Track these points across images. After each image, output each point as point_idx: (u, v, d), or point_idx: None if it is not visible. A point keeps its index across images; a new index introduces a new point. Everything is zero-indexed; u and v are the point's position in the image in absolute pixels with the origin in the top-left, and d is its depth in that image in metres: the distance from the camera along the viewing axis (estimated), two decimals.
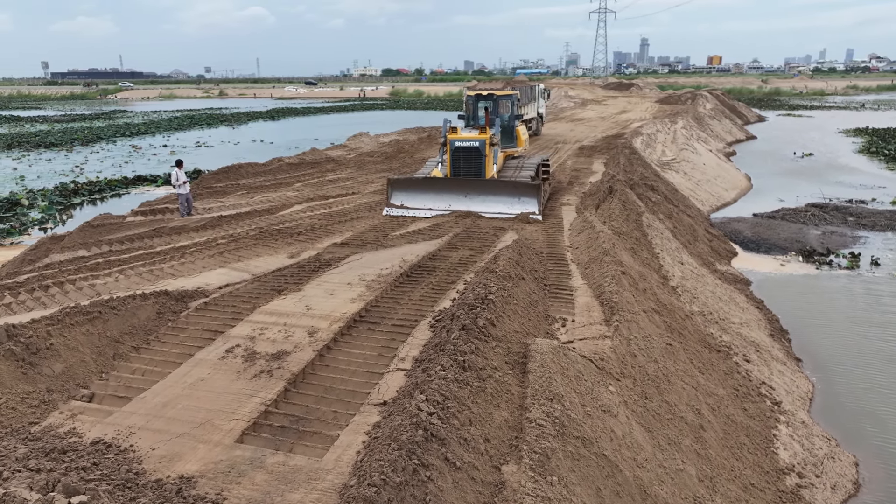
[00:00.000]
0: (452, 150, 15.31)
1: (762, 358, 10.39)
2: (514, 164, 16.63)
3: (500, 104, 18.50)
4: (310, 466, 5.22)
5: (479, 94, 18.95)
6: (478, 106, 18.73)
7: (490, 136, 15.37)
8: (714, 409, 8.22)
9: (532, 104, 32.01)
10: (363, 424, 5.80)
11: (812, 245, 18.01)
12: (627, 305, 9.06)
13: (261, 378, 6.59)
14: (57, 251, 12.07)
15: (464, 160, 15.29)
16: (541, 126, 34.45)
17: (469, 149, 15.20)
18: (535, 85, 33.95)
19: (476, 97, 19.01)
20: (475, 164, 15.21)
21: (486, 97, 18.66)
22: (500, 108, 18.46)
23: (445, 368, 6.17)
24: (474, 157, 15.18)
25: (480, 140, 15.17)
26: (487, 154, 15.13)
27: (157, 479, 5.02)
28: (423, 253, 11.14)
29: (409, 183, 15.15)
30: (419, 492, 4.85)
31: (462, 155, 15.28)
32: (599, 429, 6.44)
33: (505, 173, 15.89)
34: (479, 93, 18.95)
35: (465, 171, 15.31)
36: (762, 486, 7.30)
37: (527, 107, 30.44)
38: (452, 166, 15.43)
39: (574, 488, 5.63)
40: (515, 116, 18.52)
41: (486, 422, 5.98)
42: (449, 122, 16.04)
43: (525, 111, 30.02)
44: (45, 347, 6.59)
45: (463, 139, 15.31)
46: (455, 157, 15.34)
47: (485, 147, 15.09)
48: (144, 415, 5.93)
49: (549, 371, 6.62)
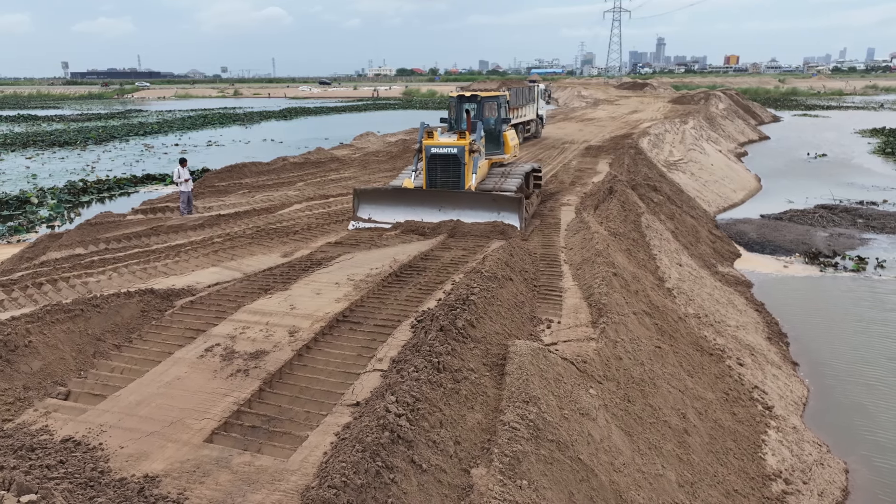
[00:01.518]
0: (428, 157, 13.85)
1: (756, 362, 10.23)
2: (499, 173, 15.06)
3: (486, 106, 16.90)
4: (275, 467, 5.20)
5: (462, 95, 17.42)
6: (461, 108, 17.28)
7: (470, 142, 13.88)
8: (701, 414, 8.10)
9: (531, 105, 31.02)
10: (333, 425, 5.76)
11: (818, 247, 17.75)
12: (616, 307, 8.95)
13: (237, 377, 6.58)
14: (55, 249, 12.19)
15: (441, 168, 13.81)
16: (541, 128, 33.38)
17: (446, 156, 13.71)
18: (533, 85, 32.70)
19: (459, 99, 17.44)
20: (453, 173, 13.74)
21: (470, 99, 17.14)
22: (486, 110, 16.87)
23: (419, 370, 6.12)
24: (452, 164, 13.71)
25: (459, 146, 13.65)
26: (467, 162, 13.67)
27: (122, 477, 5.02)
28: (415, 253, 11.10)
29: (377, 194, 13.80)
30: (381, 494, 4.81)
31: (439, 162, 13.81)
32: (576, 432, 6.36)
33: (487, 183, 14.40)
34: (462, 94, 17.44)
35: (442, 180, 13.85)
36: (746, 493, 7.18)
37: (525, 108, 29.70)
38: (428, 175, 13.95)
39: (545, 492, 5.56)
40: (503, 120, 16.84)
41: (458, 424, 5.92)
42: (426, 126, 14.68)
43: (523, 113, 29.40)
44: (24, 345, 6.63)
45: (440, 145, 13.82)
46: (431, 164, 13.87)
47: (464, 154, 13.62)
48: (117, 413, 5.95)
49: (527, 373, 6.54)
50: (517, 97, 28.45)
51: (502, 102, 17.05)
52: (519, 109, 28.87)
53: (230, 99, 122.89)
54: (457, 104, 17.28)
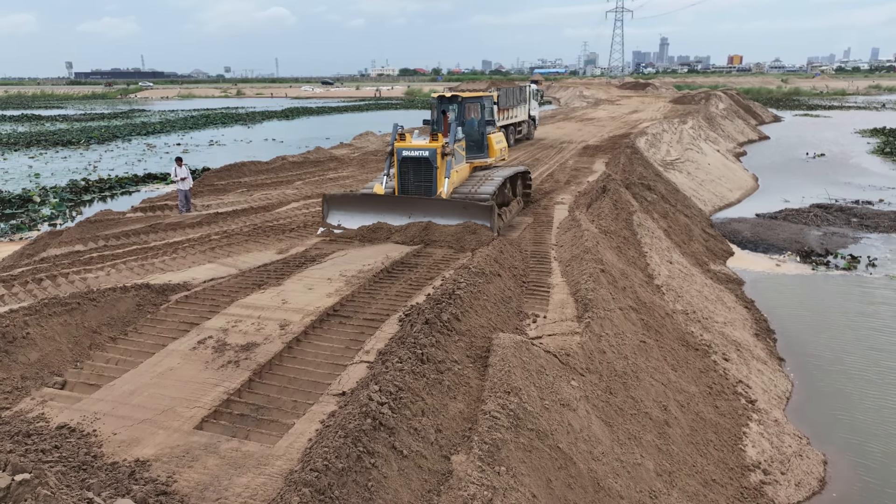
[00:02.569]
0: (400, 160, 13.24)
1: (742, 357, 10.41)
2: (479, 177, 14.31)
3: (467, 108, 16.12)
4: (261, 453, 5.40)
5: (443, 96, 16.65)
6: (441, 110, 16.68)
7: (442, 145, 13.10)
8: (683, 406, 8.28)
9: (522, 106, 30.47)
10: (319, 414, 5.96)
11: (811, 246, 17.91)
12: (602, 303, 9.14)
13: (227, 368, 6.78)
14: (55, 246, 12.41)
15: (413, 172, 13.21)
16: (533, 129, 32.79)
17: (418, 159, 13.07)
18: (525, 86, 32.09)
19: (440, 100, 16.67)
20: (425, 178, 13.14)
21: (450, 100, 16.37)
22: (467, 112, 16.10)
23: (403, 360, 6.32)
24: (424, 168, 13.08)
25: (431, 149, 12.96)
26: (439, 165, 12.97)
27: (114, 461, 5.22)
28: (408, 249, 11.29)
29: (346, 200, 13.26)
30: (362, 478, 5.00)
31: (411, 166, 13.19)
32: (556, 422, 6.55)
33: (464, 188, 13.63)
34: (443, 95, 16.69)
35: (414, 185, 13.26)
36: (724, 482, 7.36)
37: (516, 109, 29.34)
38: (400, 179, 13.37)
39: (523, 479, 5.75)
40: (487, 122, 16.11)
41: (440, 413, 6.12)
42: (400, 128, 14.12)
43: (514, 114, 29.08)
44: (22, 336, 6.85)
45: (411, 147, 13.17)
46: (403, 168, 13.27)
47: (436, 157, 12.95)
48: (111, 402, 6.15)
49: (510, 365, 6.74)
50: (508, 98, 28.14)
51: (486, 104, 16.48)
52: (510, 110, 28.58)
53: (233, 99, 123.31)
54: (437, 105, 16.69)
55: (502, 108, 27.37)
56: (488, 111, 16.45)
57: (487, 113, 16.35)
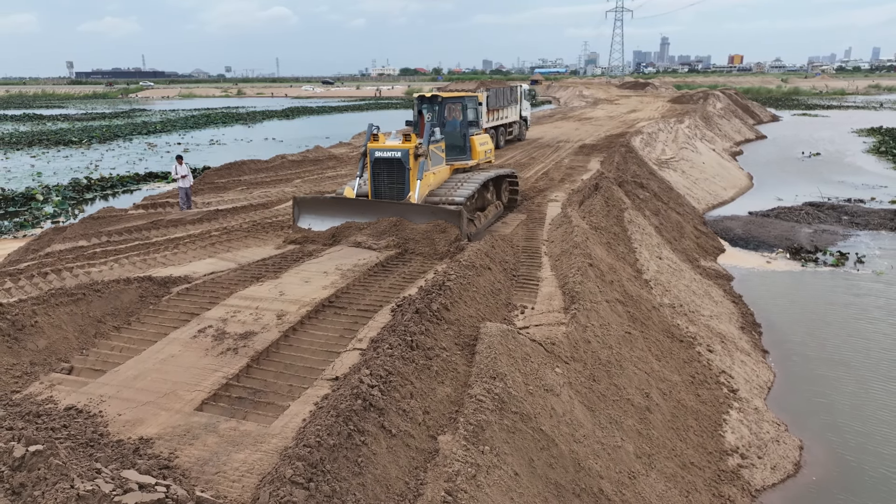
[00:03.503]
0: (372, 161, 12.87)
1: (726, 349, 10.73)
2: (457, 180, 13.85)
3: (448, 109, 15.66)
4: (258, 431, 5.72)
5: (423, 96, 16.22)
6: (419, 110, 16.28)
7: (415, 146, 12.67)
8: (665, 394, 8.60)
9: (513, 107, 30.11)
10: (313, 396, 6.29)
11: (801, 243, 18.21)
12: (589, 295, 9.46)
13: (227, 355, 7.11)
14: (59, 241, 12.74)
15: (386, 174, 12.83)
16: (525, 130, 32.30)
17: (390, 160, 12.68)
18: (516, 86, 31.56)
19: (420, 100, 16.20)
20: (398, 180, 12.75)
21: (430, 100, 15.91)
22: (448, 112, 15.64)
23: (393, 347, 6.64)
24: (396, 170, 12.69)
25: (403, 150, 12.55)
26: (412, 167, 12.56)
27: (119, 439, 5.55)
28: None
29: (316, 203, 12.94)
30: (352, 454, 5.32)
31: (383, 168, 12.81)
32: (540, 406, 6.87)
33: (440, 191, 13.14)
34: (423, 95, 16.28)
35: (387, 187, 12.88)
36: (702, 465, 7.68)
37: (507, 110, 29.11)
38: (373, 181, 12.98)
39: (506, 458, 6.08)
40: (469, 123, 15.53)
41: (428, 396, 6.44)
42: (375, 128, 13.52)
43: (505, 115, 28.87)
44: (31, 325, 7.17)
45: (384, 148, 12.77)
46: (376, 169, 12.89)
47: (408, 158, 12.54)
48: (116, 385, 6.48)
49: (496, 352, 7.05)
50: (498, 98, 27.95)
51: (469, 104, 15.85)
52: (500, 111, 28.34)
53: (234, 98, 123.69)
54: (418, 105, 16.26)
55: (492, 108, 27.19)
56: (471, 112, 15.98)
57: (471, 114, 15.90)
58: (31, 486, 4.27)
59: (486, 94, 26.53)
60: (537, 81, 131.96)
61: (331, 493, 4.89)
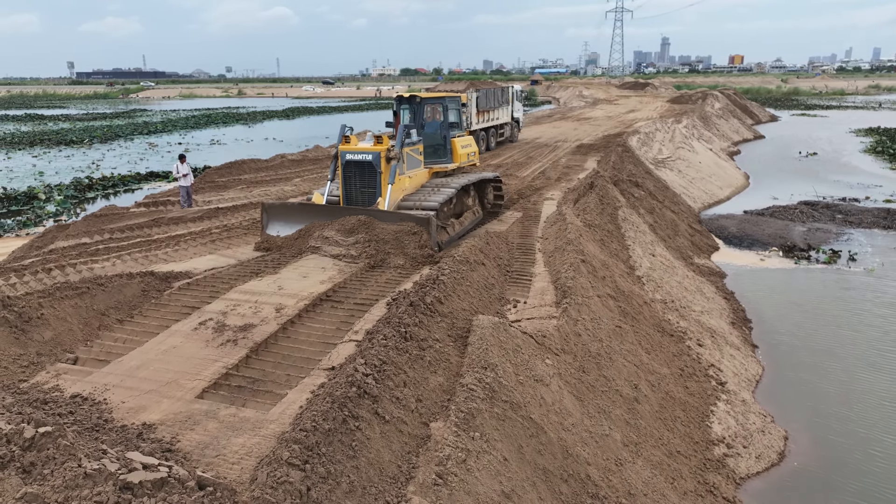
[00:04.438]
0: (343, 164, 12.32)
1: (716, 343, 10.95)
2: (434, 185, 13.27)
3: (427, 110, 15.01)
4: (257, 417, 5.95)
5: (401, 96, 15.51)
6: (394, 111, 15.70)
7: (387, 149, 12.14)
8: (654, 386, 8.82)
9: (504, 108, 29.71)
10: (310, 385, 6.51)
11: (795, 241, 18.43)
12: (581, 290, 9.68)
13: (226, 346, 7.34)
14: (62, 238, 12.96)
15: (357, 177, 12.30)
16: (517, 132, 31.83)
17: (361, 163, 12.15)
18: (508, 87, 31.09)
19: (398, 100, 15.52)
20: (369, 184, 12.23)
21: (409, 101, 15.17)
22: (427, 114, 15.02)
23: (387, 338, 6.86)
24: (368, 174, 12.18)
25: (374, 153, 12.03)
26: (383, 171, 12.03)
27: (123, 425, 5.77)
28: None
29: (285, 210, 12.41)
30: (347, 438, 5.55)
31: (355, 171, 12.28)
32: (530, 395, 7.10)
33: (414, 196, 12.58)
34: (401, 95, 15.56)
35: (358, 192, 12.35)
36: (689, 454, 7.90)
37: (498, 111, 28.80)
38: (345, 185, 12.44)
39: (495, 444, 6.30)
40: (450, 124, 14.95)
41: (421, 385, 6.67)
42: (348, 129, 12.93)
43: (496, 116, 28.53)
44: (37, 317, 7.41)
45: (355, 151, 12.24)
46: (347, 173, 12.35)
47: (379, 161, 12.01)
48: (120, 375, 6.71)
49: (487, 343, 7.28)
50: (488, 99, 27.60)
51: (450, 105, 15.27)
52: (491, 112, 28.03)
53: (234, 99, 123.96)
54: (396, 106, 15.59)
55: (482, 109, 26.90)
56: (453, 113, 15.46)
57: (452, 115, 15.33)
58: (41, 465, 4.49)
59: (475, 95, 26.28)
60: (537, 82, 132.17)
61: (326, 475, 5.12)
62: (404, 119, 15.30)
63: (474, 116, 26.21)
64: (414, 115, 15.00)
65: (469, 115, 25.66)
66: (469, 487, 5.66)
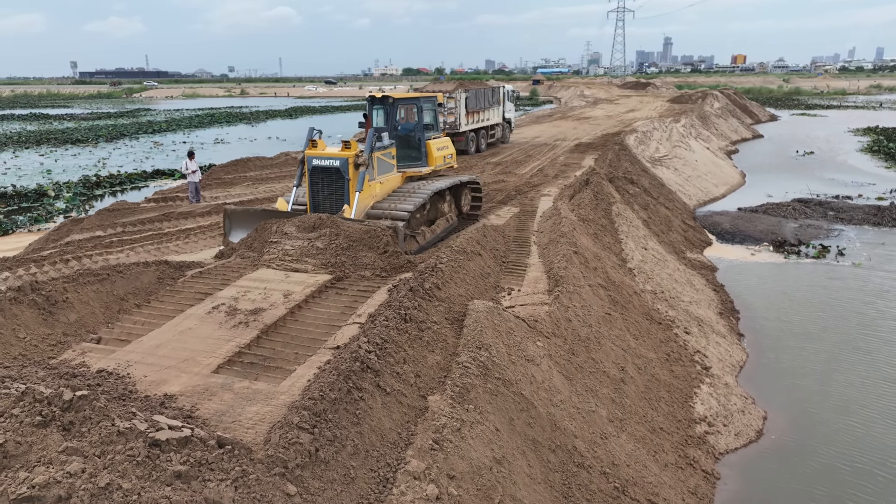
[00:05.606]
0: (310, 170, 11.78)
1: (703, 331, 11.46)
2: (407, 189, 12.73)
3: (400, 111, 14.43)
4: (268, 389, 6.47)
5: (373, 97, 14.69)
6: (364, 113, 14.99)
7: (355, 154, 11.52)
8: (640, 369, 9.34)
9: (495, 108, 29.18)
10: (317, 362, 7.03)
11: (785, 236, 18.92)
12: (573, 279, 10.20)
13: (238, 328, 7.86)
14: (77, 231, 13.53)
15: (324, 184, 11.74)
16: (508, 133, 31.19)
17: (328, 169, 11.59)
18: (499, 87, 30.60)
19: (370, 101, 14.71)
20: (337, 191, 11.64)
21: (381, 101, 14.48)
22: (401, 115, 14.45)
23: (389, 319, 7.39)
24: (335, 180, 11.60)
25: (342, 158, 11.44)
26: (351, 177, 11.45)
27: (146, 395, 6.30)
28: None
29: (247, 216, 11.80)
30: (351, 407, 6.08)
31: (321, 177, 11.72)
32: (521, 374, 7.62)
33: (386, 202, 12.08)
34: (373, 96, 14.69)
35: (326, 199, 11.76)
36: (671, 431, 8.42)
37: (488, 112, 28.34)
38: (311, 192, 11.88)
39: (488, 416, 6.82)
40: (425, 126, 14.35)
41: (420, 362, 7.19)
42: (316, 133, 12.29)
43: (486, 117, 28.15)
44: (62, 300, 7.94)
45: (322, 156, 11.67)
46: (314, 179, 11.80)
47: (347, 167, 11.44)
48: (141, 353, 7.24)
49: (482, 325, 7.81)
50: (478, 100, 27.12)
51: (425, 106, 14.61)
52: (481, 113, 27.55)
53: (237, 98, 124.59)
54: (369, 107, 14.78)
55: (472, 110, 26.50)
56: (428, 114, 14.79)
57: (427, 116, 14.66)
58: (79, 423, 5.02)
59: (464, 96, 25.82)
60: (539, 81, 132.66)
61: (332, 438, 5.66)
62: (377, 121, 14.58)
63: (463, 117, 25.84)
64: (387, 117, 14.39)
65: (458, 117, 25.46)
66: (463, 453, 6.18)
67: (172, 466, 4.87)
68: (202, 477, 4.95)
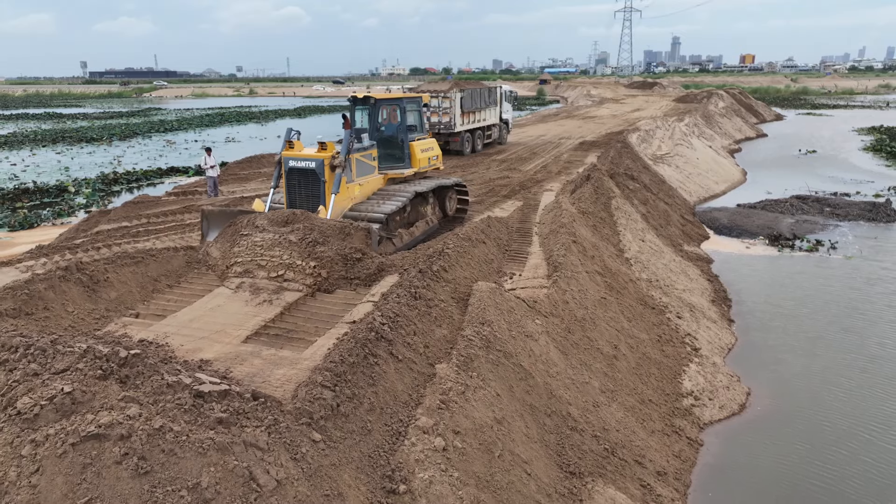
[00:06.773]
0: (287, 171, 11.68)
1: (694, 316, 12.15)
2: (388, 192, 12.61)
3: (383, 111, 14.28)
4: (293, 356, 7.23)
5: (356, 97, 14.33)
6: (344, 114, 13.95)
7: (332, 155, 11.43)
8: (632, 348, 10.05)
9: (492, 109, 28.87)
10: (336, 334, 7.77)
11: (781, 231, 19.56)
12: (571, 266, 10.92)
13: (263, 305, 8.63)
14: (105, 222, 14.34)
15: (301, 186, 11.65)
16: (506, 134, 30.89)
17: (305, 170, 11.49)
18: (496, 87, 30.07)
19: (353, 101, 14.38)
20: (313, 192, 11.54)
21: (363, 101, 14.17)
22: (384, 116, 14.33)
23: (400, 297, 8.14)
24: (311, 182, 11.49)
25: (318, 160, 11.34)
26: (327, 179, 11.34)
27: (185, 360, 7.06)
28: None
29: (225, 217, 11.33)
30: (367, 371, 6.83)
31: (298, 178, 11.63)
32: (520, 347, 8.35)
33: (364, 205, 11.97)
34: (356, 96, 14.35)
35: (302, 200, 11.66)
36: (659, 403, 9.13)
37: (484, 112, 28.09)
38: (288, 193, 11.80)
39: (490, 383, 7.56)
40: (408, 127, 14.15)
41: (428, 335, 7.94)
42: (294, 134, 12.16)
43: (482, 117, 27.93)
44: (104, 279, 8.73)
45: (298, 157, 11.58)
46: (290, 180, 11.70)
47: (323, 169, 11.31)
48: (176, 326, 8.01)
49: (485, 304, 8.54)
50: (474, 100, 26.82)
51: (409, 107, 14.48)
52: (477, 113, 27.30)
53: (246, 98, 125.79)
54: (351, 108, 14.45)
55: (467, 110, 26.30)
56: (412, 115, 14.65)
57: (411, 117, 14.53)
58: (133, 377, 5.79)
59: (459, 96, 25.61)
60: (546, 81, 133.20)
61: (351, 396, 6.41)
62: (361, 122, 14.30)
63: (458, 118, 25.68)
64: (370, 118, 14.17)
65: (453, 117, 25.41)
66: (467, 412, 6.93)
67: (215, 413, 5.63)
68: (240, 423, 5.71)
